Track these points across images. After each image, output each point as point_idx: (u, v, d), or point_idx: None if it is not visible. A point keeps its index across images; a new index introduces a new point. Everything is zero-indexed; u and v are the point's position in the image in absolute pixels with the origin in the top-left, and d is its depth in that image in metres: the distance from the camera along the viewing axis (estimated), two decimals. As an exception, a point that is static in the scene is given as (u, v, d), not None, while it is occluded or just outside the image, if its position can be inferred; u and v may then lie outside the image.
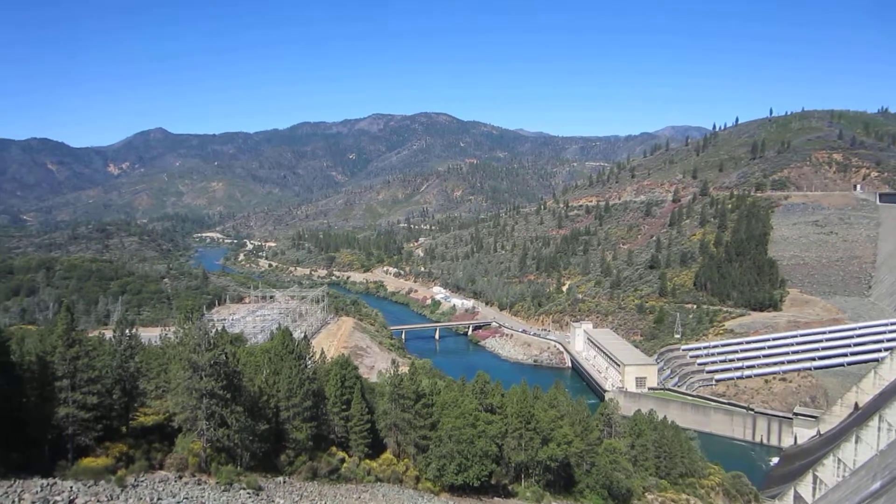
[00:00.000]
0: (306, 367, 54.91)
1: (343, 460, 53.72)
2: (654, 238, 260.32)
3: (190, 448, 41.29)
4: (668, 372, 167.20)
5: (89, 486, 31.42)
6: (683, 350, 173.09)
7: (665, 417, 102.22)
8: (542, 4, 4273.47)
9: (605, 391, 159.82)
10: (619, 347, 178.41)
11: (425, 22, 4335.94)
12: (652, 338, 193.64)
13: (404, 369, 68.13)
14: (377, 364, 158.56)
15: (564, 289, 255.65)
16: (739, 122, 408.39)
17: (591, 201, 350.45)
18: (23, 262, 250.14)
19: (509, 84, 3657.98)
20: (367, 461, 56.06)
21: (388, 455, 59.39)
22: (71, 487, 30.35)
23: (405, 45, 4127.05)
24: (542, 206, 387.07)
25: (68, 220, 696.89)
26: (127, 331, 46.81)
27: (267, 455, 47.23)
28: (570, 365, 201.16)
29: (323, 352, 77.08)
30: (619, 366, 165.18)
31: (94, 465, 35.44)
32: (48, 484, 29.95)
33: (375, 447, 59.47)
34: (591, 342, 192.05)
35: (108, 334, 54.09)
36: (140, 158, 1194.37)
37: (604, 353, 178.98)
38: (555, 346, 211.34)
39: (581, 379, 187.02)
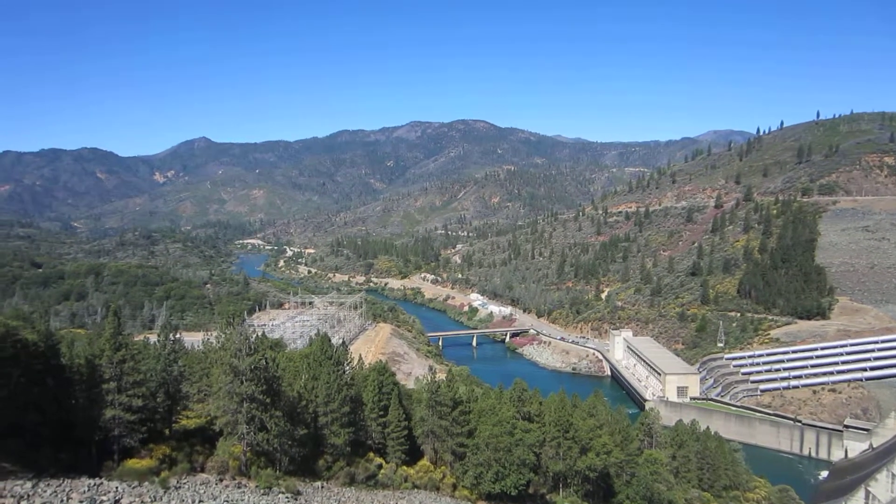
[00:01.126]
0: (344, 372, 55.39)
1: (380, 466, 53.91)
2: (695, 244, 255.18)
3: (230, 451, 41.96)
4: (711, 381, 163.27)
5: (134, 487, 32.18)
6: (727, 359, 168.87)
7: (708, 428, 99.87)
8: (580, 13, 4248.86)
9: (645, 400, 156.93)
10: (659, 356, 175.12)
11: (463, 29, 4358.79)
12: (694, 346, 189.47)
13: (441, 376, 68.19)
14: (414, 370, 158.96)
15: (603, 296, 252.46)
16: (784, 125, 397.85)
17: (630, 207, 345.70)
18: (73, 268, 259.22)
19: (547, 90, 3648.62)
20: (405, 468, 56.14)
21: (425, 462, 59.37)
22: (116, 488, 31.13)
23: (443, 52, 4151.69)
24: (581, 213, 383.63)
25: (116, 227, 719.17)
26: (171, 335, 47.92)
27: (305, 460, 47.67)
28: (609, 373, 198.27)
29: (361, 358, 77.67)
30: (659, 375, 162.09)
31: (138, 466, 36.29)
32: (95, 484, 30.78)
33: (412, 454, 59.52)
34: (631, 350, 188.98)
35: (153, 338, 55.59)
36: (184, 167, 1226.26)
37: (644, 361, 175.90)
38: (593, 354, 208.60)
39: (620, 388, 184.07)
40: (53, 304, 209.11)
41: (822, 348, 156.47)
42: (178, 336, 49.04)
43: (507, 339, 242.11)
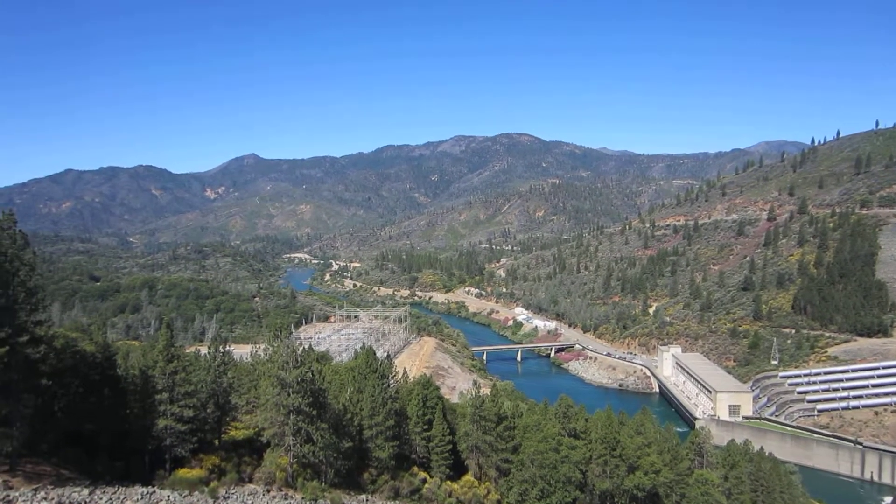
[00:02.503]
0: (389, 386, 55.60)
1: (424, 480, 53.81)
2: (747, 259, 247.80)
3: (277, 463, 42.54)
4: (765, 400, 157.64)
5: (185, 497, 32.88)
6: (781, 377, 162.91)
7: (762, 448, 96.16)
8: (626, 24, 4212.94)
9: (695, 419, 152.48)
10: (710, 373, 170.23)
11: (508, 42, 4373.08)
12: (746, 364, 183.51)
13: (486, 391, 67.75)
14: (458, 385, 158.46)
15: (651, 311, 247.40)
16: (841, 135, 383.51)
17: (678, 220, 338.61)
18: (128, 282, 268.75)
19: (593, 103, 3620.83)
20: (449, 482, 55.88)
21: (469, 477, 59.00)
22: (168, 497, 31.86)
23: (487, 65, 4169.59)
24: (627, 226, 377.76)
25: (169, 241, 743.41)
26: (220, 347, 49.00)
27: (350, 473, 47.94)
28: (657, 390, 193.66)
29: (405, 371, 77.92)
30: (710, 392, 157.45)
31: (189, 475, 37.10)
32: (147, 492, 31.59)
33: (457, 468, 59.24)
34: (680, 367, 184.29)
35: (203, 350, 56.92)
36: (234, 183, 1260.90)
37: (694, 378, 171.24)
38: (641, 371, 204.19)
39: (669, 405, 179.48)
40: (110, 316, 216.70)
41: (885, 367, 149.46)
42: (227, 348, 50.12)
43: (553, 354, 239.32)
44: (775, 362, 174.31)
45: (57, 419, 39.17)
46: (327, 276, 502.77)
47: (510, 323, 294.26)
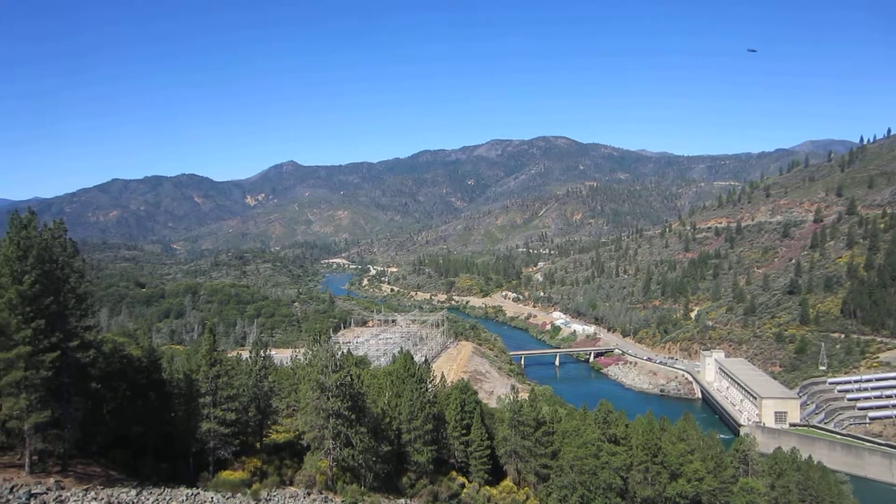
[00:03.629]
0: (427, 390, 55.76)
1: (463, 485, 53.74)
2: (792, 261, 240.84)
3: (317, 466, 43.01)
4: (813, 407, 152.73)
5: (227, 499, 33.48)
6: (830, 383, 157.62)
7: (810, 457, 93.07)
8: (663, 25, 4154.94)
9: (739, 425, 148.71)
10: (755, 379, 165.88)
11: (542, 45, 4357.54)
12: (793, 369, 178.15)
13: (524, 395, 67.36)
14: (496, 389, 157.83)
15: (693, 315, 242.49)
16: (892, 133, 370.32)
17: (720, 223, 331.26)
18: (172, 288, 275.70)
19: (630, 104, 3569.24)
20: (487, 488, 55.69)
21: (507, 482, 58.72)
22: (212, 498, 32.49)
23: (524, 68, 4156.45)
24: (668, 229, 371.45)
25: (211, 248, 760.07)
26: (261, 352, 49.88)
27: (389, 476, 48.18)
28: (699, 396, 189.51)
29: (443, 376, 78.02)
30: (755, 399, 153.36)
31: (231, 478, 37.78)
32: (192, 494, 32.26)
33: (495, 474, 59.00)
34: (724, 372, 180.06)
35: (245, 355, 58.00)
36: (274, 190, 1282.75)
37: (738, 384, 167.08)
38: (683, 376, 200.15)
39: (713, 411, 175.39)
40: (155, 321, 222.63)
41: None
42: (268, 353, 50.96)
43: (591, 358, 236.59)
44: (823, 368, 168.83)
45: (105, 422, 40.38)
46: (365, 281, 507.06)
47: (548, 327, 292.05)
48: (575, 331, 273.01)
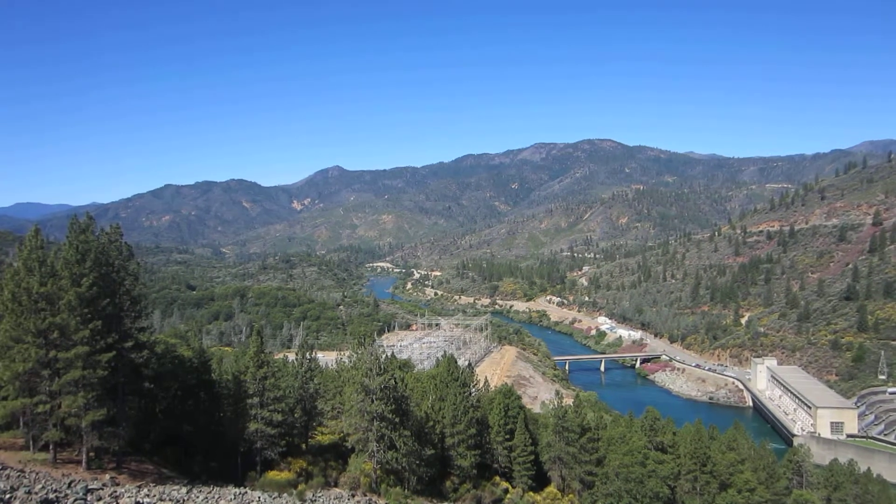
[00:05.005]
0: (470, 394, 55.68)
1: (507, 491, 53.41)
2: (849, 266, 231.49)
3: (362, 468, 43.38)
4: (872, 418, 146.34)
5: (274, 498, 34.02)
6: (891, 393, 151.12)
7: (869, 470, 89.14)
8: (711, 17, 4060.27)
9: (792, 435, 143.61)
10: (809, 387, 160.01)
11: (587, 48, 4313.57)
12: (850, 378, 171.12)
13: (568, 401, 66.59)
14: (540, 394, 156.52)
15: (743, 321, 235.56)
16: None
17: (772, 226, 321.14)
18: (221, 291, 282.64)
19: (678, 106, 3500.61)
20: (531, 493, 55.23)
21: (552, 489, 58.10)
22: (259, 498, 33.06)
23: (568, 72, 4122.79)
24: (717, 233, 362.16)
25: (259, 252, 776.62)
26: (307, 354, 50.62)
27: (433, 480, 48.21)
28: (750, 404, 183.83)
29: (486, 380, 77.79)
30: (810, 408, 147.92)
31: (278, 478, 38.43)
32: (240, 493, 32.89)
33: (539, 479, 58.46)
34: (776, 380, 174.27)
35: (291, 357, 58.96)
36: (320, 194, 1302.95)
37: (791, 392, 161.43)
38: (733, 384, 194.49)
39: (764, 420, 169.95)
40: (205, 323, 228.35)
41: None
42: (313, 355, 51.67)
43: (638, 364, 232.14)
44: (883, 377, 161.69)
45: (158, 420, 41.65)
46: (409, 285, 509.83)
47: (593, 332, 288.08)
48: (621, 336, 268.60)
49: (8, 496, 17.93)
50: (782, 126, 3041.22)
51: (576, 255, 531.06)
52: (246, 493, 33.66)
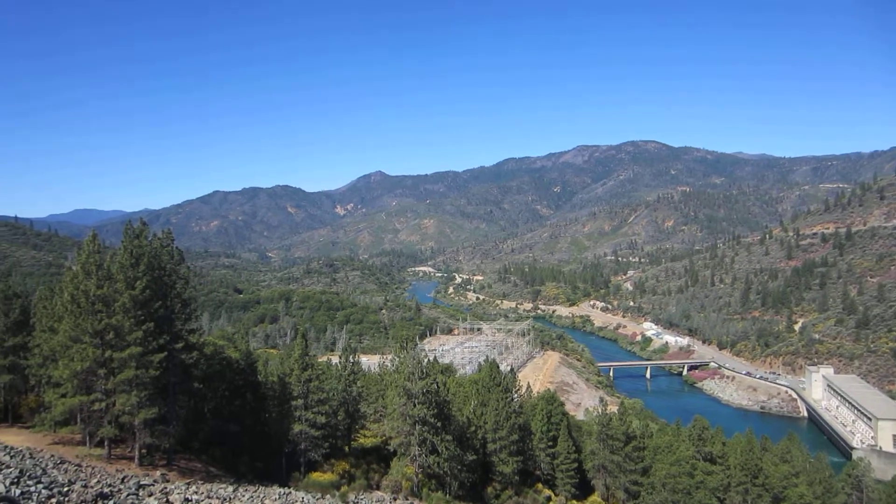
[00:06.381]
0: (513, 400, 55.31)
1: (549, 499, 52.83)
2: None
3: (403, 472, 43.47)
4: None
5: (317, 499, 34.36)
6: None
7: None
8: (759, 15, 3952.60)
9: (851, 448, 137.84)
10: (869, 398, 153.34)
11: (630, 49, 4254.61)
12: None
13: (613, 408, 65.50)
14: (584, 401, 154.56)
15: (796, 327, 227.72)
16: None
17: (827, 228, 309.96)
18: (267, 294, 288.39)
19: (725, 105, 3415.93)
20: (574, 502, 54.50)
21: (595, 498, 57.22)
22: (303, 498, 33.44)
23: (610, 73, 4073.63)
24: (768, 235, 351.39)
25: (303, 256, 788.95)
26: (350, 357, 51.13)
27: (474, 486, 48.01)
28: (804, 415, 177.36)
29: (529, 386, 77.18)
30: (870, 420, 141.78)
31: (321, 479, 38.84)
32: (284, 493, 33.34)
33: (582, 488, 57.63)
34: (833, 390, 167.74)
35: (335, 360, 59.62)
36: (362, 200, 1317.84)
37: (849, 403, 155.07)
38: (786, 392, 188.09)
39: (820, 432, 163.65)
40: (251, 326, 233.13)
41: None
42: (356, 358, 52.16)
43: (685, 371, 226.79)
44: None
45: (206, 420, 42.66)
46: (450, 289, 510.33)
47: (638, 338, 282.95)
48: (667, 342, 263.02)
49: (66, 489, 18.62)
50: (837, 123, 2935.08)
51: (620, 259, 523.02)
52: (290, 493, 34.08)
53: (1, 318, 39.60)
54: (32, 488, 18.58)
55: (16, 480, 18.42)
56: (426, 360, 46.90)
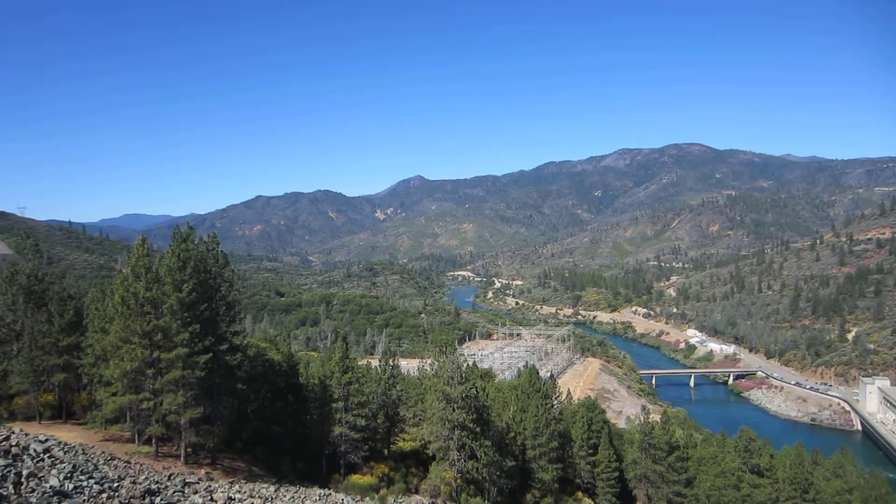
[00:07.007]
0: (552, 406, 54.70)
1: (589, 507, 51.96)
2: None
3: (442, 477, 43.40)
4: None
5: (356, 501, 34.61)
6: None
7: None
8: (808, 17, 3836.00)
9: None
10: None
11: (672, 52, 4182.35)
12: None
13: (655, 417, 64.24)
14: (625, 409, 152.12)
15: (849, 336, 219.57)
16: None
17: (883, 233, 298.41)
18: (308, 297, 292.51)
19: (773, 107, 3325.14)
20: (615, 511, 53.45)
21: (637, 508, 56.01)
22: (342, 500, 33.71)
23: (653, 77, 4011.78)
24: (819, 241, 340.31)
25: (344, 260, 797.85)
26: (390, 361, 51.39)
27: (513, 493, 47.66)
28: (858, 428, 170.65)
29: (569, 392, 76.35)
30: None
31: (361, 482, 39.09)
32: (324, 494, 33.66)
33: (623, 497, 56.66)
34: (890, 402, 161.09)
35: (374, 363, 59.99)
36: (402, 204, 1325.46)
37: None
38: (838, 404, 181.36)
39: (875, 446, 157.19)
40: (293, 328, 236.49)
41: None
42: (396, 362, 52.39)
43: (730, 380, 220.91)
44: None
45: (249, 420, 43.44)
46: (489, 294, 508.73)
47: (682, 346, 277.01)
48: (712, 350, 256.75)
49: (116, 485, 19.21)
50: (892, 123, 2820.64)
51: (663, 264, 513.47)
52: (330, 494, 34.39)
53: (56, 318, 41.06)
54: (85, 483, 19.19)
55: (69, 475, 19.06)
56: (465, 364, 46.80)
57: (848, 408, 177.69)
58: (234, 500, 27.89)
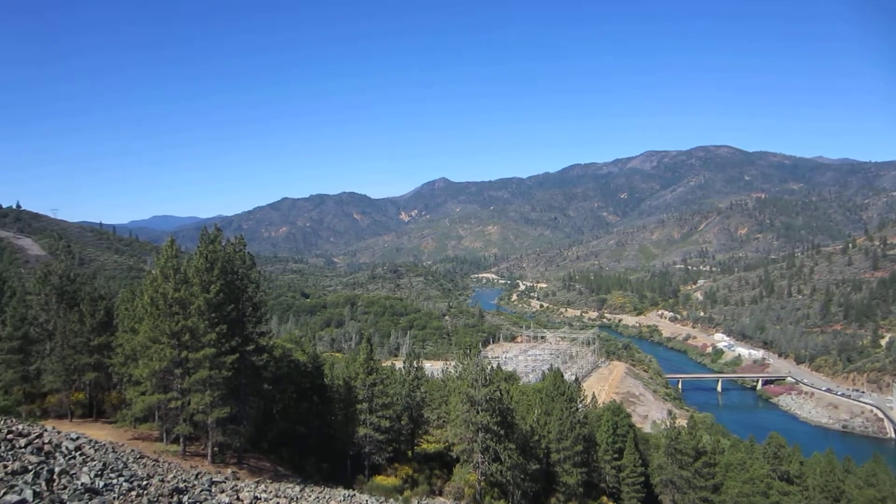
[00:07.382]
0: (577, 410, 54.34)
1: (614, 512, 51.46)
2: None
3: (466, 479, 43.35)
4: None
5: (381, 503, 34.69)
6: None
7: None
8: (836, 18, 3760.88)
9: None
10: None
11: (699, 54, 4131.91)
12: None
13: (682, 422, 63.44)
14: (651, 413, 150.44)
15: (883, 342, 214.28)
16: None
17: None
18: (333, 299, 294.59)
19: (804, 108, 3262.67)
20: (641, 517, 52.86)
21: (663, 514, 55.32)
22: (367, 501, 33.81)
23: (680, 79, 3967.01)
24: (851, 244, 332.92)
25: (368, 262, 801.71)
26: (414, 363, 51.51)
27: (537, 496, 47.42)
28: (892, 435, 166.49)
29: (594, 396, 75.79)
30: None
31: (385, 483, 39.22)
32: (349, 495, 33.80)
33: (649, 503, 55.95)
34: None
35: (398, 365, 60.20)
36: (426, 206, 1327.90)
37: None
38: (871, 412, 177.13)
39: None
40: (318, 329, 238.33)
41: None
42: (420, 364, 52.50)
43: (759, 386, 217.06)
44: None
45: (275, 420, 43.86)
46: (514, 296, 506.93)
47: (709, 350, 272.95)
48: (740, 355, 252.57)
49: (145, 482, 19.55)
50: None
51: (690, 267, 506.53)
52: (355, 495, 34.52)
53: (87, 318, 41.95)
54: (114, 481, 19.53)
55: (100, 473, 19.41)
56: (489, 367, 46.70)
57: (881, 415, 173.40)
58: (260, 499, 28.16)
